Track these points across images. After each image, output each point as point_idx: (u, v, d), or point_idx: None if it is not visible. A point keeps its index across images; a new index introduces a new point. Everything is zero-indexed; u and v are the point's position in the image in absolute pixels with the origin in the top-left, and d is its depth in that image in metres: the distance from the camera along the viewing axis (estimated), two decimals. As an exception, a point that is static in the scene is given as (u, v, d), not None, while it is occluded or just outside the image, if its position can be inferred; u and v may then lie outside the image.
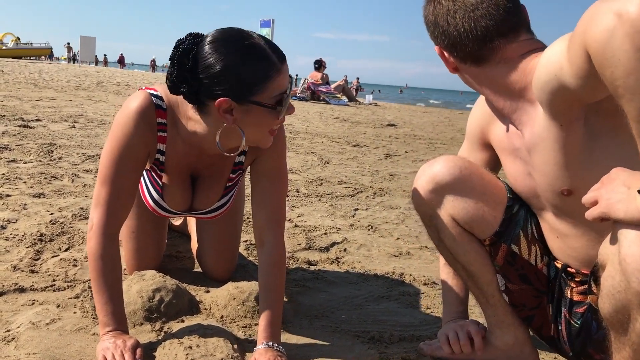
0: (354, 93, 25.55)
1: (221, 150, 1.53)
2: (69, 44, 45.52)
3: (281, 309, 1.58)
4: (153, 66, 46.71)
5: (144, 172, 1.82)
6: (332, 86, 16.51)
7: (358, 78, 31.93)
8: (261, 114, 1.43)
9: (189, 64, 1.39)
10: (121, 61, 44.95)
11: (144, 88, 1.61)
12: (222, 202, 1.88)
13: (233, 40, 1.40)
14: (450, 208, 1.41)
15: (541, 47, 1.28)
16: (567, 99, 1.13)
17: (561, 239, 1.37)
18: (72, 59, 42.58)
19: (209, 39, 1.41)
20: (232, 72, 1.38)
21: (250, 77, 1.38)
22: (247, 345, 1.60)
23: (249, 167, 1.76)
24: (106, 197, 1.51)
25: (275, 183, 1.67)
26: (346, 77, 29.72)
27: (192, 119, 1.54)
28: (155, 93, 1.58)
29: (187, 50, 1.40)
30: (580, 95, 1.10)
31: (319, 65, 16.18)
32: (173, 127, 1.60)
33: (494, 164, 1.55)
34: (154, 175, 1.77)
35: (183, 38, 1.43)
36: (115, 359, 1.38)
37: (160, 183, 1.77)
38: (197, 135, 1.55)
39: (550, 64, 1.12)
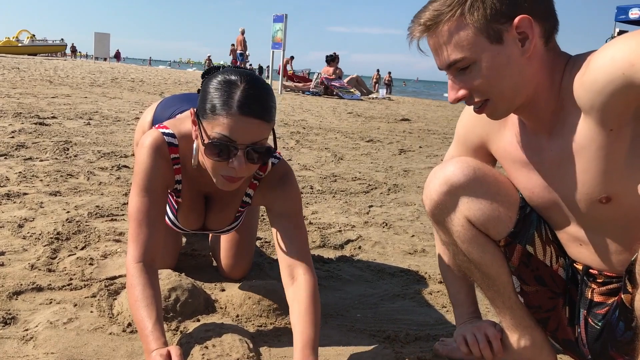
0: (386, 89, 25.45)
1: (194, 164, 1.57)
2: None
3: (318, 333, 1.50)
4: (209, 65, 45.09)
5: None
6: (345, 80, 16.49)
7: (390, 72, 31.36)
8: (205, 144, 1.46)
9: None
10: (117, 56, 46.31)
11: (156, 127, 1.68)
12: (233, 225, 1.94)
13: (226, 77, 1.45)
14: (466, 210, 1.38)
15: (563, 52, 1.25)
16: (628, 100, 1.10)
17: (585, 246, 1.34)
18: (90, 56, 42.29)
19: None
20: (203, 92, 1.47)
21: (209, 102, 1.43)
22: (262, 345, 1.60)
23: (266, 211, 1.74)
24: (137, 230, 1.57)
25: (296, 226, 1.66)
26: (378, 70, 29.42)
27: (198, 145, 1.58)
28: (166, 131, 1.65)
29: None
30: None
31: (331, 59, 16.15)
32: (185, 158, 1.66)
33: None
34: (171, 200, 1.86)
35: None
36: None
37: (176, 206, 1.85)
38: (200, 162, 1.59)
39: (616, 62, 1.08)
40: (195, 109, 1.51)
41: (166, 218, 1.93)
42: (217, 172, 1.49)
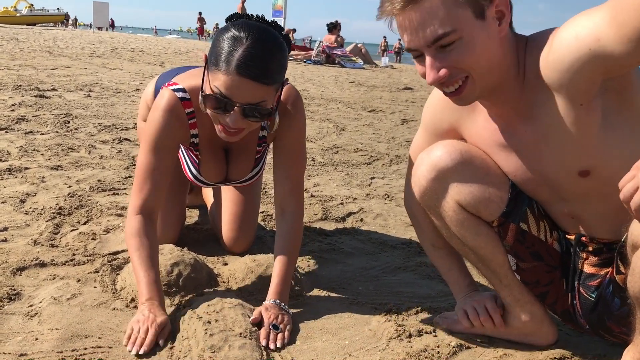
0: (396, 57, 25.37)
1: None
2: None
3: (292, 272, 1.71)
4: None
5: (184, 150, 1.96)
6: (348, 49, 16.32)
7: (400, 39, 31.15)
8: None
9: None
10: (112, 25, 47.66)
11: (166, 85, 1.71)
12: (254, 172, 1.99)
13: (236, 30, 1.48)
14: (456, 194, 1.38)
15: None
16: (595, 75, 1.11)
17: (576, 219, 1.36)
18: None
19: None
20: (215, 39, 1.51)
21: (215, 52, 1.47)
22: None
23: (272, 143, 1.85)
24: (141, 185, 1.64)
25: (295, 159, 1.79)
26: (385, 38, 29.04)
27: None
28: (177, 87, 1.69)
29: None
30: (620, 63, 1.07)
31: (332, 26, 15.96)
32: (199, 110, 1.66)
33: None
34: (192, 155, 1.90)
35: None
36: (139, 333, 1.42)
37: (198, 160, 1.89)
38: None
39: (581, 39, 1.09)
40: (206, 54, 1.55)
41: (189, 174, 1.99)
42: (216, 120, 1.56)
